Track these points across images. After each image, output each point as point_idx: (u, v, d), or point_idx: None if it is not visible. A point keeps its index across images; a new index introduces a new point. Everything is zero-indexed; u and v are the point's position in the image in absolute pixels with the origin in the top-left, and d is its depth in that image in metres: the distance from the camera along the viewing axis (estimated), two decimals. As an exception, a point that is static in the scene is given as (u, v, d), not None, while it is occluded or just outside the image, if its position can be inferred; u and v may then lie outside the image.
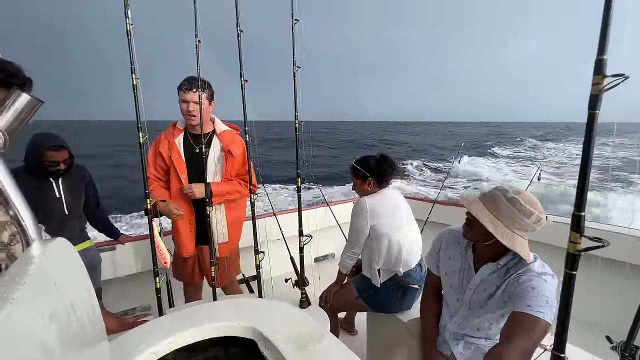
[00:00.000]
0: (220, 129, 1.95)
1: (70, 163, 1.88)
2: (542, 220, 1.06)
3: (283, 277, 1.89)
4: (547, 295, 1.00)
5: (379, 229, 1.69)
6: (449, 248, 1.33)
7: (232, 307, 1.35)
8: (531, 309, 0.98)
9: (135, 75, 1.30)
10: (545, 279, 1.03)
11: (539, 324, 0.96)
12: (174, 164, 1.87)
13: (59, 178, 1.87)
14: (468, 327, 1.26)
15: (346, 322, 2.40)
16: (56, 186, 1.86)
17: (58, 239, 0.69)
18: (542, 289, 1.01)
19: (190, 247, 1.96)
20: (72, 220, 1.94)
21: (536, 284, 1.01)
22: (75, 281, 0.74)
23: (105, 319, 1.28)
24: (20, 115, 0.74)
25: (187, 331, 1.15)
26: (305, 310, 1.44)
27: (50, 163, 1.77)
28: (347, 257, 1.82)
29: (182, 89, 1.75)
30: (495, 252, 1.15)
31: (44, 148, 1.74)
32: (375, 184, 1.78)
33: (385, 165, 1.77)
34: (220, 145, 1.91)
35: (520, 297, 1.02)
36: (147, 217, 1.54)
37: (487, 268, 1.17)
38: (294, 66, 1.37)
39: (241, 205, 2.09)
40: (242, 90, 1.47)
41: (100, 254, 2.21)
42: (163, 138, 1.92)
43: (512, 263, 1.12)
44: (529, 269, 1.07)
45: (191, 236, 1.95)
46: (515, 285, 1.05)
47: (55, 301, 0.57)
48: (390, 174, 1.78)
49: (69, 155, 1.85)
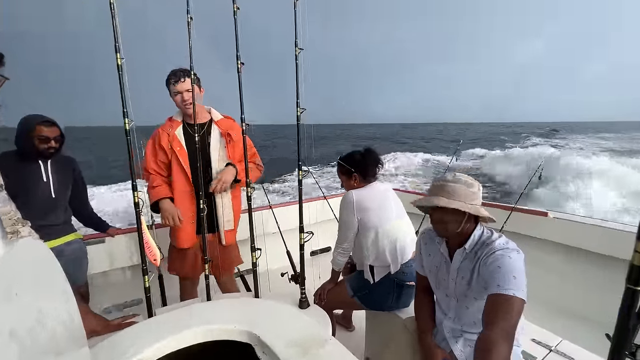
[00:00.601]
0: (217, 117, 1.98)
1: (61, 142, 1.85)
2: (478, 185, 1.20)
3: (279, 270, 1.83)
4: (515, 271, 1.04)
5: (366, 222, 1.67)
6: (428, 245, 1.39)
7: (227, 308, 1.27)
8: (501, 288, 1.02)
9: (119, 54, 1.18)
10: (510, 255, 1.07)
11: (511, 302, 0.99)
12: (176, 154, 1.86)
13: (48, 160, 1.83)
14: (464, 323, 1.26)
15: (343, 319, 2.37)
16: (44, 169, 1.82)
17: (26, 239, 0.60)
18: (508, 266, 1.05)
19: (192, 238, 1.93)
20: (58, 207, 1.88)
21: (502, 262, 1.06)
22: (47, 286, 0.64)
23: (89, 320, 1.19)
24: None
25: (178, 335, 1.07)
26: (305, 311, 1.36)
27: (41, 139, 1.74)
28: (337, 254, 1.80)
29: (171, 82, 1.79)
30: (461, 239, 1.22)
31: (35, 123, 1.72)
32: (360, 179, 1.78)
33: (370, 159, 1.77)
34: (219, 131, 1.92)
35: (491, 278, 1.06)
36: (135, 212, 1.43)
37: (458, 255, 1.23)
38: (295, 47, 1.27)
39: (239, 194, 2.08)
40: (238, 74, 1.36)
41: (87, 247, 2.12)
42: (162, 132, 1.90)
43: (478, 246, 1.18)
44: (492, 248, 1.12)
45: (192, 227, 1.93)
46: (485, 268, 1.11)
47: (17, 315, 0.48)
48: (374, 168, 1.79)
49: (60, 133, 1.82)
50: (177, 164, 1.87)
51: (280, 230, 2.33)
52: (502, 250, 1.09)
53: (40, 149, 1.75)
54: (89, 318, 1.18)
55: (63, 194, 1.91)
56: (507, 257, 1.07)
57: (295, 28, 1.25)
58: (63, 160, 1.92)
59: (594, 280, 2.33)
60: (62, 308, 0.67)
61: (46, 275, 0.65)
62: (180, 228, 1.89)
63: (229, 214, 1.95)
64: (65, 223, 1.95)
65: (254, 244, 1.57)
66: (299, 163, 1.49)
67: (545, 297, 2.45)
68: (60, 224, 1.91)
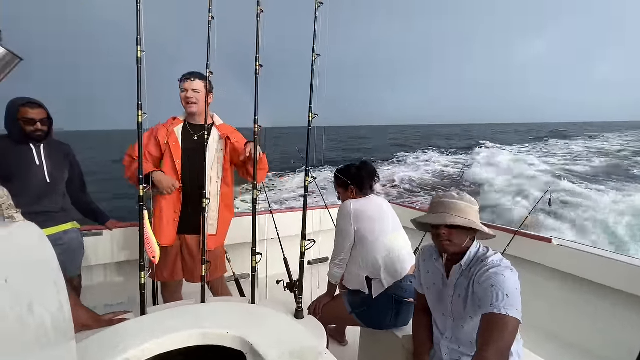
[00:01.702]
0: (219, 122, 1.99)
1: (49, 125, 1.80)
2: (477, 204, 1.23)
3: (274, 278, 1.79)
4: (507, 289, 1.03)
5: (363, 233, 1.66)
6: (426, 263, 1.38)
7: (221, 312, 1.23)
8: (494, 307, 1.01)
9: (140, 47, 1.19)
10: (504, 273, 1.06)
11: (505, 321, 0.98)
12: (170, 149, 1.85)
13: (40, 144, 1.79)
14: (462, 344, 1.24)
15: (337, 332, 2.31)
16: (37, 153, 1.78)
17: (21, 222, 0.57)
18: (501, 285, 1.03)
19: (172, 235, 1.88)
20: (53, 192, 1.84)
21: (495, 281, 1.05)
22: (39, 274, 0.62)
23: (79, 313, 1.15)
24: None
25: (168, 336, 1.03)
26: (300, 321, 1.32)
27: (26, 121, 1.70)
28: (334, 266, 1.77)
29: (183, 79, 1.84)
30: (458, 255, 1.21)
31: (19, 105, 1.69)
32: (357, 191, 1.78)
33: (365, 172, 1.78)
34: (219, 134, 1.93)
35: (484, 297, 1.05)
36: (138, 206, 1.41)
37: (455, 272, 1.22)
38: (313, 53, 1.27)
39: (231, 203, 2.06)
40: (255, 76, 1.36)
41: (84, 238, 2.08)
42: (162, 127, 1.92)
43: (473, 262, 1.17)
44: (485, 264, 1.12)
45: (174, 224, 1.88)
46: (478, 287, 1.10)
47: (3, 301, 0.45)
48: (370, 180, 1.79)
49: (46, 116, 1.77)
50: (169, 158, 1.86)
51: (279, 237, 2.30)
52: (495, 268, 1.09)
53: (27, 131, 1.71)
54: (79, 311, 1.15)
55: (58, 178, 1.87)
56: (500, 275, 1.06)
57: (314, 34, 1.25)
58: (57, 144, 1.90)
59: (600, 313, 2.26)
60: (53, 298, 0.64)
61: (39, 262, 0.63)
62: (162, 223, 1.86)
63: (213, 217, 1.91)
64: (62, 210, 1.91)
65: (255, 247, 1.54)
66: (306, 169, 1.47)
67: (546, 326, 2.38)
68: (57, 210, 1.87)
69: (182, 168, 1.86)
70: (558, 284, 2.45)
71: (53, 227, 1.85)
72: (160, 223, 1.86)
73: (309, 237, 1.45)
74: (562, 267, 2.41)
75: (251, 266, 1.53)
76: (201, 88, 1.83)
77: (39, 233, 0.62)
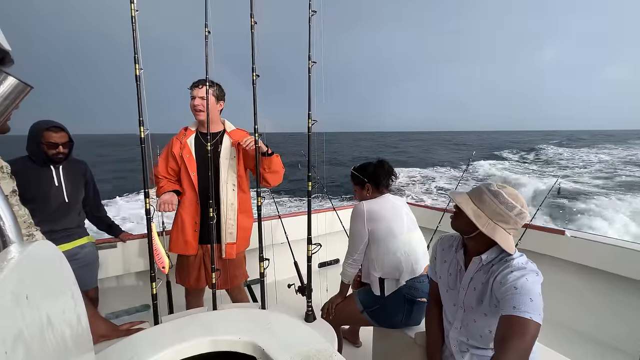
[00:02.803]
0: (230, 128, 2.01)
1: (70, 147, 1.87)
2: (525, 214, 1.09)
3: (286, 282, 1.81)
4: (531, 293, 0.99)
5: (377, 233, 1.65)
6: (444, 252, 1.36)
7: (232, 319, 1.26)
8: (517, 310, 0.98)
9: (138, 65, 1.23)
10: (527, 277, 1.02)
11: (527, 325, 0.95)
12: (185, 161, 1.89)
13: (59, 165, 1.85)
14: (471, 335, 1.23)
15: (350, 334, 2.31)
16: (56, 174, 1.84)
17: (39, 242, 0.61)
18: (525, 288, 1.00)
19: (194, 245, 1.93)
20: (71, 211, 1.91)
21: (519, 284, 1.01)
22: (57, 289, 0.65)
23: (97, 324, 1.20)
24: (5, 101, 0.66)
25: (182, 344, 1.06)
26: (311, 324, 1.34)
27: (49, 145, 1.76)
28: (347, 265, 1.77)
29: (190, 87, 1.86)
30: (480, 248, 1.17)
31: (42, 130, 1.74)
32: (374, 190, 1.78)
33: (382, 170, 1.77)
34: (231, 141, 1.94)
35: (506, 299, 1.02)
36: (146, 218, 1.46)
37: (474, 264, 1.18)
38: (309, 60, 1.29)
39: (250, 208, 2.07)
40: (253, 86, 1.39)
41: (99, 251, 2.15)
42: (175, 140, 1.96)
43: (496, 260, 1.13)
44: (509, 265, 1.07)
45: (195, 235, 1.92)
46: (499, 286, 1.06)
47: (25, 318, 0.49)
48: (387, 179, 1.78)
49: (68, 139, 1.84)
50: (185, 171, 1.90)
51: (289, 241, 2.32)
52: (519, 270, 1.04)
53: (49, 154, 1.77)
54: (97, 322, 1.19)
55: (76, 197, 1.94)
56: (524, 278, 1.02)
57: (309, 41, 1.27)
58: (74, 163, 1.95)
59: (617, 304, 2.21)
60: (71, 312, 0.67)
61: (57, 278, 0.66)
62: (184, 235, 1.90)
63: (232, 226, 1.93)
64: (78, 227, 1.98)
65: (262, 254, 1.57)
66: (308, 174, 1.49)
67: (563, 320, 2.33)
68: (74, 227, 1.94)
69: (198, 180, 1.89)
70: (572, 276, 2.40)
71: (70, 242, 1.92)
72: (182, 234, 1.91)
73: (318, 240, 1.47)
74: (576, 258, 2.37)
75: (259, 272, 1.55)
76: (210, 95, 1.83)
77: (56, 250, 0.66)
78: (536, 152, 28.61)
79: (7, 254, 0.53)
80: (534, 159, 24.64)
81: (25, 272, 0.52)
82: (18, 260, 0.51)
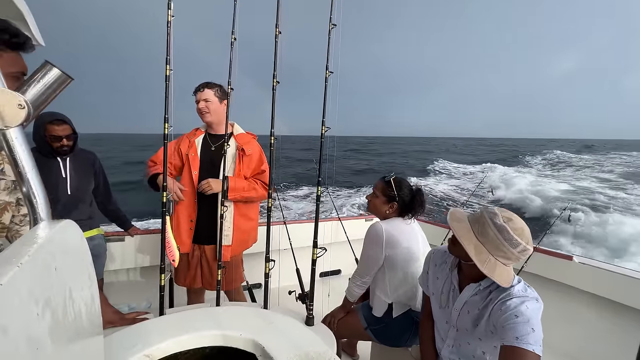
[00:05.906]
0: (238, 131, 2.02)
1: (75, 139, 1.87)
2: (528, 251, 1.05)
3: (287, 288, 1.81)
4: (532, 323, 0.99)
5: (394, 259, 1.57)
6: (437, 268, 1.33)
7: (235, 316, 1.28)
8: (520, 342, 0.97)
9: (169, 66, 1.30)
10: (528, 305, 1.01)
11: (529, 358, 0.95)
12: (189, 160, 1.92)
13: (66, 157, 1.87)
14: (463, 355, 1.22)
15: (348, 346, 2.28)
16: (63, 166, 1.86)
17: (66, 221, 0.65)
18: (526, 317, 0.99)
19: (187, 243, 1.92)
20: (76, 203, 1.92)
21: (519, 312, 1.00)
22: (78, 267, 0.69)
23: (105, 309, 1.23)
24: (47, 90, 0.71)
25: (185, 336, 1.08)
26: (311, 327, 1.35)
27: (53, 138, 1.77)
28: (355, 286, 1.69)
29: (195, 91, 1.89)
30: (478, 273, 1.12)
31: (46, 123, 1.75)
32: (397, 211, 1.65)
33: (419, 200, 1.63)
34: (236, 144, 1.95)
35: (507, 327, 1.00)
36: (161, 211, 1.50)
37: (470, 289, 1.16)
38: (326, 71, 1.34)
39: (252, 211, 2.05)
40: (273, 92, 1.45)
41: (107, 244, 2.19)
42: (185, 137, 2.02)
43: (494, 286, 1.10)
44: (510, 293, 1.05)
45: (189, 233, 1.92)
46: (499, 314, 1.04)
47: (53, 287, 0.52)
48: (418, 210, 1.64)
49: (71, 131, 1.84)
50: (187, 169, 1.92)
51: (292, 247, 2.33)
52: (519, 297, 1.03)
53: (54, 147, 1.78)
54: (105, 308, 1.23)
55: (82, 189, 1.93)
56: (524, 305, 1.01)
57: (327, 52, 1.33)
58: (82, 154, 1.96)
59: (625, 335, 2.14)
60: (87, 291, 0.71)
61: (79, 257, 0.70)
62: (178, 232, 1.90)
63: (228, 228, 1.92)
64: (89, 218, 2.01)
65: (268, 254, 1.59)
66: (318, 179, 1.51)
67: (569, 350, 2.26)
68: (84, 219, 1.96)
69: (198, 179, 1.90)
70: (579, 303, 2.35)
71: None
72: (177, 231, 1.91)
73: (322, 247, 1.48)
74: (584, 286, 2.32)
75: (264, 272, 1.57)
76: (211, 97, 1.86)
77: (79, 230, 0.70)
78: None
79: (40, 230, 0.57)
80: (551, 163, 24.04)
81: (55, 247, 0.56)
82: (50, 235, 0.55)
